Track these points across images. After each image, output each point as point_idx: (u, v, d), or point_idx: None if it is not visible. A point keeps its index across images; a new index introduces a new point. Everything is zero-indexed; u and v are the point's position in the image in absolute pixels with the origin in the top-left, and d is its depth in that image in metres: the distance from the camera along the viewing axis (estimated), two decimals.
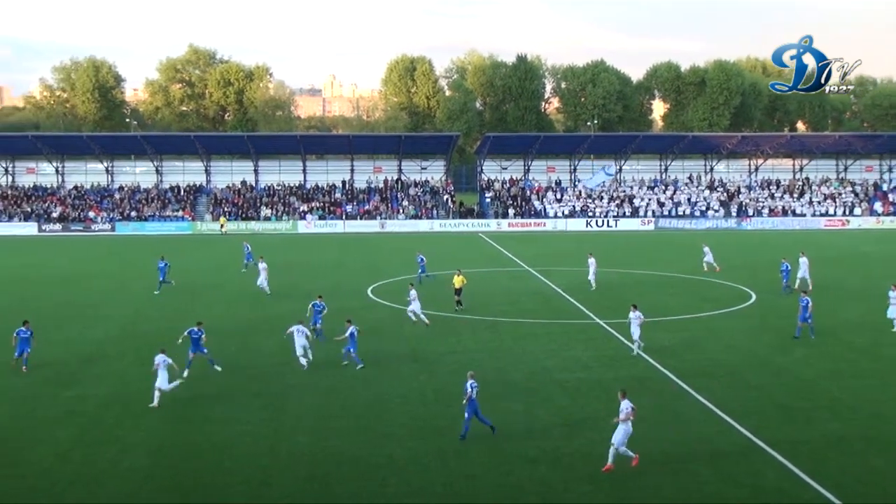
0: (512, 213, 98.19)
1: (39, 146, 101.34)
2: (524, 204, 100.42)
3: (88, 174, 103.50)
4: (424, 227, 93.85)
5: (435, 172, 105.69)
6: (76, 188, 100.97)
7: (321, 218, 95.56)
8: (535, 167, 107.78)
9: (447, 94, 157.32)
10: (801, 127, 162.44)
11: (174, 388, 27.47)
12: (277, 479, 21.47)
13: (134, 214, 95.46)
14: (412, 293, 39.41)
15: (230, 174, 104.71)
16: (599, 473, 21.39)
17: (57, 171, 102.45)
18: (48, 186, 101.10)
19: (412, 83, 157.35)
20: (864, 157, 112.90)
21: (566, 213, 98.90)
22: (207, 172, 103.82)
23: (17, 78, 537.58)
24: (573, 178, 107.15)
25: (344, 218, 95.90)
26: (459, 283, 42.03)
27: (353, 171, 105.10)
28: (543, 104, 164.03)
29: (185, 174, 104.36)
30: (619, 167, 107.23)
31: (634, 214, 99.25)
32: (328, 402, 27.72)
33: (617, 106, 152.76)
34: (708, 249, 58.17)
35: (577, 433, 24.64)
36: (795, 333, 36.31)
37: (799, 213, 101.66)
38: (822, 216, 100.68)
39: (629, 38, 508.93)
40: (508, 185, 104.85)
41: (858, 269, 60.80)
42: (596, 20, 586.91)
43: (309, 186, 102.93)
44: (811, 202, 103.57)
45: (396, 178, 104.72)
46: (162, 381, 27.04)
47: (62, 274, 58.20)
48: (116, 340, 36.51)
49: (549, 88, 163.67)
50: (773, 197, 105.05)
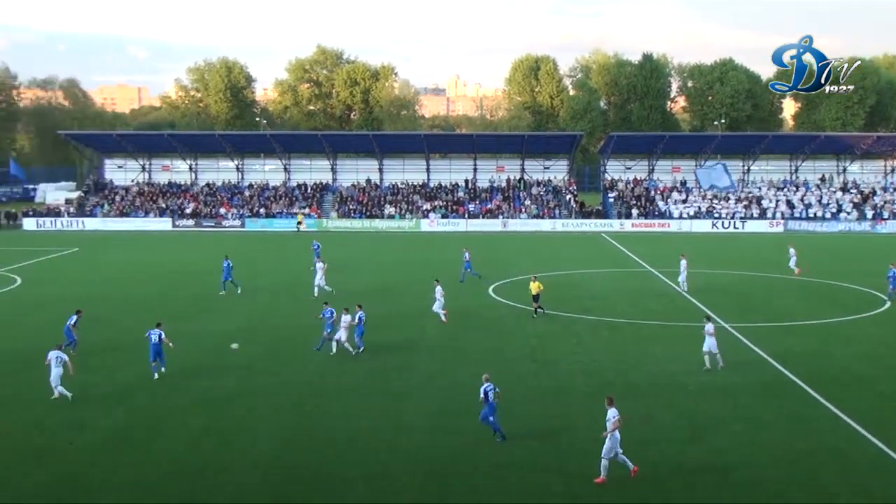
0: (635, 213, 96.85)
1: (174, 144, 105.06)
2: (648, 204, 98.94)
3: (220, 171, 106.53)
4: (546, 226, 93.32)
5: (558, 172, 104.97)
6: (208, 185, 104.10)
7: (444, 217, 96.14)
8: (659, 167, 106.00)
9: (571, 93, 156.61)
10: None
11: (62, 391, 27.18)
12: (397, 473, 21.78)
13: (262, 211, 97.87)
14: (438, 290, 40.53)
15: (355, 172, 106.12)
16: (725, 481, 21.01)
17: (190, 168, 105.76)
18: (182, 183, 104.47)
19: (536, 82, 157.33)
20: None
21: (691, 213, 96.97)
22: (333, 171, 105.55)
23: (154, 79, 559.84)
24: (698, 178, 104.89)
25: (466, 217, 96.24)
26: (536, 289, 41.36)
27: (475, 170, 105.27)
28: (669, 103, 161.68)
29: (311, 172, 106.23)
30: (746, 167, 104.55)
31: (762, 216, 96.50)
32: (447, 400, 27.93)
33: (746, 105, 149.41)
34: (794, 251, 56.56)
35: (700, 439, 24.20)
36: None
37: None
38: None
39: (759, 35, 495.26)
40: (632, 185, 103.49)
41: None
42: (724, 18, 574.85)
43: (432, 185, 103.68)
44: None
45: (519, 177, 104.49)
46: (55, 377, 27.09)
47: (195, 268, 59.88)
48: (245, 333, 37.41)
49: (674, 87, 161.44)
50: None
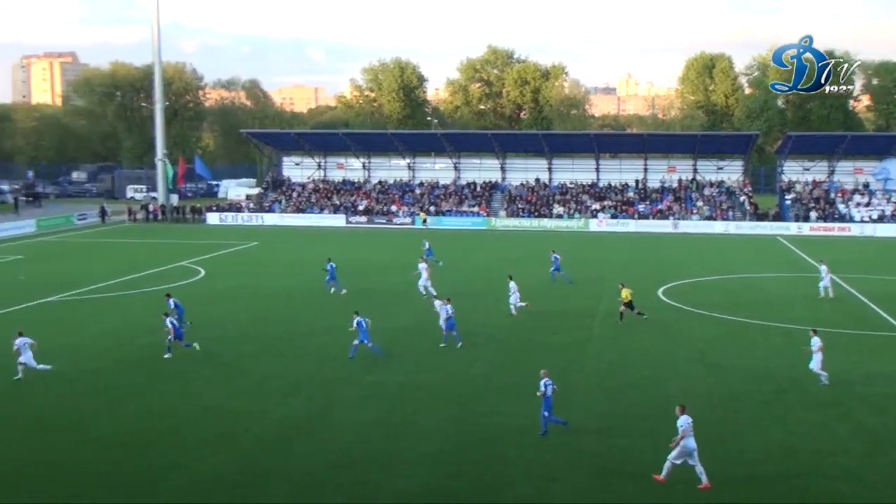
0: (814, 216, 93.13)
1: (348, 143, 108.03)
2: (827, 207, 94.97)
3: (391, 170, 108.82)
4: (719, 228, 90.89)
5: (731, 172, 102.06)
6: (380, 183, 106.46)
7: (613, 217, 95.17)
8: (840, 168, 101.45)
9: (747, 91, 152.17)
10: None
11: (43, 368, 29.85)
12: (561, 475, 21.77)
13: (433, 209, 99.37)
14: (512, 285, 41.31)
15: (524, 171, 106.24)
16: None
17: (364, 166, 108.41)
18: (355, 181, 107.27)
19: (710, 81, 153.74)
20: None
21: (874, 217, 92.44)
22: (503, 169, 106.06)
23: (330, 79, 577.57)
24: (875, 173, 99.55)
25: (636, 217, 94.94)
26: (627, 295, 40.17)
27: (646, 170, 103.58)
28: (852, 102, 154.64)
29: (481, 171, 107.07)
30: None
31: None
32: (614, 402, 27.76)
33: None
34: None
35: (881, 452, 23.21)
36: None
37: None
38: None
39: None
40: (811, 186, 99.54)
41: None
42: None
43: (601, 185, 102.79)
44: None
45: (691, 177, 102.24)
46: (27, 357, 29.53)
47: (367, 265, 60.96)
48: (412, 330, 38.11)
49: (858, 85, 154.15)
50: None
